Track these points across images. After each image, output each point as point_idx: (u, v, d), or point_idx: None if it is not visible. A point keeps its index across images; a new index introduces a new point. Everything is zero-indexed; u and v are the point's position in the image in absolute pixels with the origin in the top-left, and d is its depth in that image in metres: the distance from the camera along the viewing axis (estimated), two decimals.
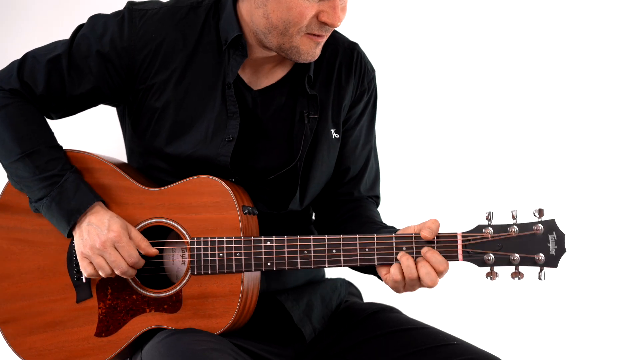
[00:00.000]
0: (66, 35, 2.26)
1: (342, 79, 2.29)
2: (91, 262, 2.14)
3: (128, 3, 2.24)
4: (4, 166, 2.22)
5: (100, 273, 2.15)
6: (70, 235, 2.18)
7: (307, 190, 2.29)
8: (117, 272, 2.13)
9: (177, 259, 2.23)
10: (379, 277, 2.22)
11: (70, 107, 2.26)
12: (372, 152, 2.40)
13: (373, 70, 2.37)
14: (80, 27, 2.25)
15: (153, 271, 2.23)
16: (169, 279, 2.24)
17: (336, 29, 2.27)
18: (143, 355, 2.10)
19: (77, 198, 2.15)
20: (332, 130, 2.29)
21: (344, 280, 2.44)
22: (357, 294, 2.47)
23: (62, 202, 2.15)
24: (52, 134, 2.24)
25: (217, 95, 2.19)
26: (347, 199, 2.36)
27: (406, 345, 2.22)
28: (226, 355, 2.02)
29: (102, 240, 2.11)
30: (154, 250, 2.16)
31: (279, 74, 2.27)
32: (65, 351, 2.21)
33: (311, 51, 2.13)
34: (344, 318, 2.33)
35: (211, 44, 2.20)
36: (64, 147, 2.25)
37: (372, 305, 2.36)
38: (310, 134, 2.24)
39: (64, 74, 2.20)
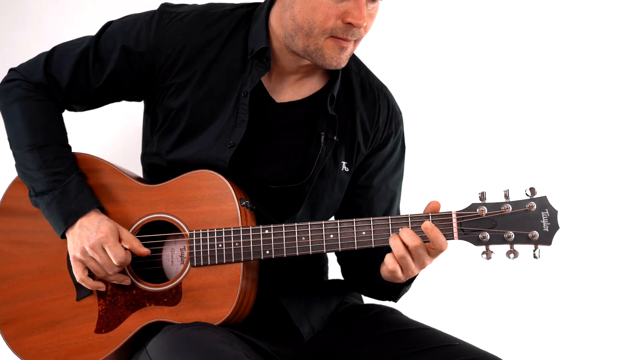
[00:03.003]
0: (66, 34, 2.32)
1: (364, 117, 2.30)
2: (85, 267, 2.17)
3: (162, 5, 2.28)
4: (13, 154, 2.25)
5: (98, 276, 2.18)
6: (64, 237, 2.20)
7: (315, 215, 2.30)
8: (108, 273, 2.16)
9: (176, 257, 2.25)
10: (382, 290, 2.25)
11: (93, 100, 2.30)
12: (396, 195, 2.39)
13: (401, 114, 2.38)
14: (108, 24, 2.29)
15: (151, 265, 2.24)
16: (166, 276, 2.25)
17: (368, 67, 2.34)
18: (149, 349, 2.08)
19: (78, 201, 2.18)
20: (344, 162, 2.29)
21: (343, 281, 2.45)
22: (357, 295, 2.47)
23: (63, 202, 2.18)
24: (65, 133, 2.28)
25: (232, 102, 2.22)
26: None
27: (407, 346, 2.21)
28: (236, 348, 2.02)
29: (91, 242, 2.14)
30: (145, 250, 2.18)
31: (305, 91, 2.28)
32: (65, 349, 2.21)
33: (336, 56, 2.13)
34: (345, 318, 2.33)
35: (237, 51, 2.23)
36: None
37: (372, 306, 2.37)
38: (326, 156, 2.25)
39: (89, 66, 2.24)
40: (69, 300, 2.23)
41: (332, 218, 2.39)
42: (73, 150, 2.28)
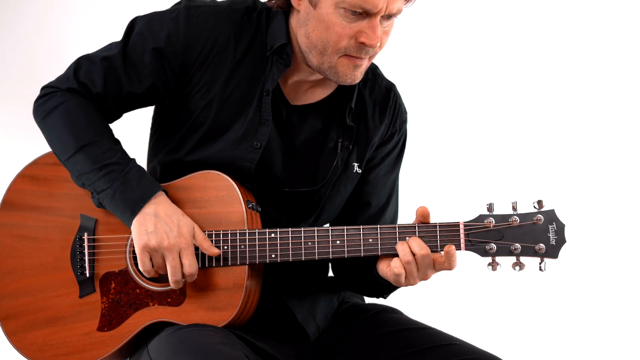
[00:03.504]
0: (66, 34, 2.29)
1: (375, 117, 2.30)
2: (150, 259, 2.11)
3: (185, 0, 2.23)
4: (65, 165, 2.18)
5: (157, 271, 2.12)
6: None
7: (321, 215, 2.31)
8: (170, 279, 2.10)
9: None
10: (373, 286, 2.25)
11: (125, 105, 2.24)
12: (393, 194, 2.40)
13: (406, 113, 2.38)
14: (132, 24, 2.24)
15: None
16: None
17: (378, 67, 2.33)
18: (150, 349, 2.08)
19: (141, 187, 2.11)
20: (356, 164, 2.29)
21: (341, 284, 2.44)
22: (358, 295, 2.47)
23: (126, 192, 2.11)
24: (109, 128, 2.22)
25: (254, 100, 2.20)
26: None
27: (408, 345, 2.22)
28: (236, 349, 2.02)
29: (170, 242, 2.07)
30: (216, 251, 2.12)
31: (319, 94, 2.27)
32: (66, 346, 2.21)
33: (350, 73, 2.12)
34: (346, 318, 2.34)
35: (259, 50, 2.21)
36: None
37: (374, 305, 2.38)
38: (341, 164, 2.25)
39: (120, 72, 2.19)
40: (71, 297, 2.22)
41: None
42: None
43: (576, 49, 3.05)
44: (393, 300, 2.37)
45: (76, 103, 2.19)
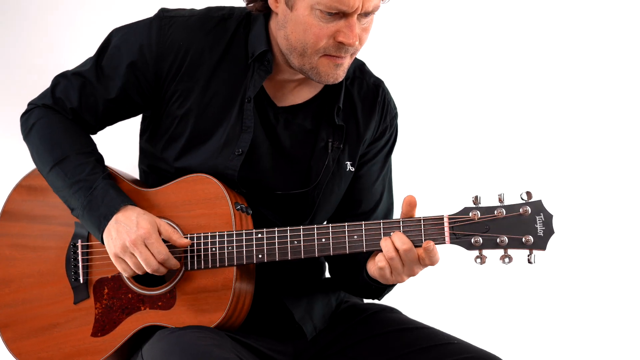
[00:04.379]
0: (67, 35, 2.34)
1: (365, 115, 2.30)
2: (126, 262, 2.14)
3: (160, 10, 2.26)
4: (49, 183, 2.24)
5: (137, 271, 2.14)
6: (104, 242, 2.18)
7: (316, 216, 2.31)
8: (148, 270, 2.12)
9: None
10: (366, 288, 2.23)
11: (104, 117, 2.29)
12: (385, 189, 2.40)
13: (396, 108, 2.37)
14: (109, 37, 2.28)
15: None
16: (165, 279, 2.26)
17: (366, 63, 2.34)
18: (143, 353, 2.10)
19: (105, 204, 2.15)
20: (348, 162, 2.29)
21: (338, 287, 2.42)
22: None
23: (92, 210, 2.16)
24: (85, 140, 2.26)
25: (236, 107, 2.21)
26: None
27: (407, 344, 2.21)
28: (228, 351, 2.01)
29: (132, 238, 2.10)
30: (185, 241, 2.13)
31: (305, 94, 2.27)
32: (62, 352, 2.23)
33: (332, 72, 2.12)
34: (345, 317, 2.33)
35: (238, 56, 2.22)
36: None
37: (372, 305, 2.36)
38: (333, 164, 2.25)
39: (94, 85, 2.24)
40: (66, 304, 2.25)
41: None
42: None
43: (560, 41, 3.04)
44: (392, 300, 2.36)
45: (50, 119, 2.25)
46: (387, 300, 2.34)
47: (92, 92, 2.25)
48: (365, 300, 2.45)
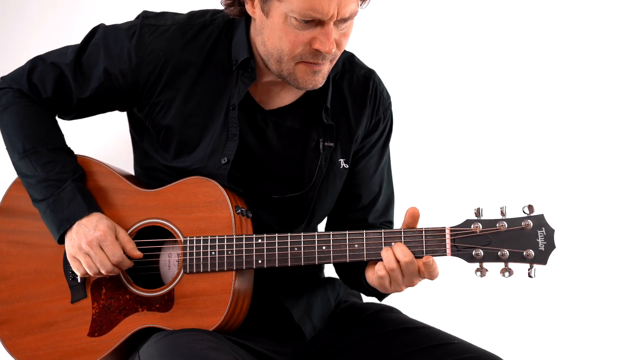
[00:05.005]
0: (66, 34, 2.32)
1: (356, 109, 2.28)
2: (79, 262, 2.17)
3: (142, 16, 2.24)
4: (12, 163, 2.26)
5: (89, 272, 2.16)
6: (62, 242, 2.21)
7: (314, 216, 2.30)
8: (102, 271, 2.15)
9: (173, 263, 2.25)
10: (369, 292, 2.24)
11: (78, 112, 2.29)
12: (384, 180, 2.39)
13: (389, 98, 2.35)
14: (93, 32, 2.27)
15: (148, 270, 2.24)
16: (163, 282, 2.26)
17: (355, 54, 2.32)
18: (140, 355, 2.09)
19: (70, 208, 2.18)
20: (342, 160, 2.28)
21: (341, 281, 2.43)
22: (356, 294, 2.47)
23: (56, 211, 2.18)
24: (57, 136, 2.27)
25: (221, 115, 2.19)
26: (359, 225, 2.35)
27: (407, 344, 2.21)
28: (225, 354, 2.01)
29: (88, 239, 2.13)
30: (137, 254, 2.17)
31: (292, 95, 2.25)
32: (58, 351, 2.22)
33: (309, 79, 2.10)
34: (344, 317, 2.33)
35: (221, 63, 2.20)
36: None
37: (372, 305, 2.37)
38: (326, 163, 2.24)
39: (70, 80, 2.24)
40: (63, 303, 2.24)
41: (324, 221, 2.41)
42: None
43: (565, 51, 3.03)
44: (392, 300, 2.36)
45: (24, 107, 2.25)
46: (387, 300, 2.35)
47: (67, 87, 2.24)
48: (365, 300, 2.46)
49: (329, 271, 2.50)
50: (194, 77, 2.20)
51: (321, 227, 2.47)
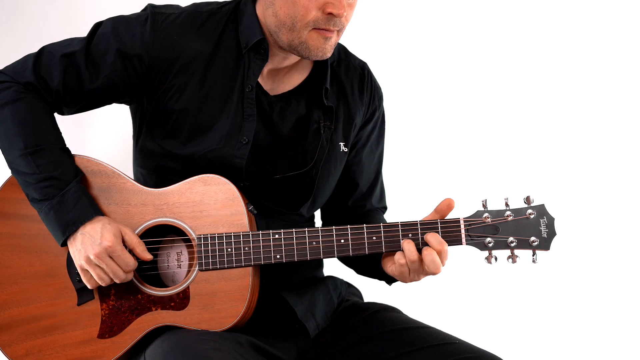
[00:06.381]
0: (66, 34, 2.27)
1: (355, 95, 2.38)
2: (90, 274, 2.14)
3: (150, 6, 2.27)
4: (5, 159, 2.19)
5: (101, 283, 2.15)
6: (65, 244, 2.16)
7: (317, 198, 2.36)
8: (116, 281, 2.14)
9: (172, 261, 2.24)
10: (380, 277, 2.32)
11: (84, 103, 2.25)
12: (380, 167, 2.50)
13: (381, 90, 2.47)
14: (98, 25, 2.26)
15: (149, 269, 2.23)
16: (162, 280, 2.25)
17: (348, 48, 2.40)
18: (147, 355, 2.09)
19: (76, 210, 2.13)
20: (341, 143, 2.36)
21: (342, 280, 2.50)
22: (357, 294, 2.53)
23: (61, 212, 2.13)
24: (59, 135, 2.22)
25: (235, 98, 2.24)
26: (358, 212, 2.45)
27: (407, 344, 2.26)
28: (228, 355, 2.03)
29: (96, 251, 2.10)
30: (148, 256, 2.16)
31: (295, 80, 2.33)
32: (65, 354, 2.17)
33: (321, 47, 2.18)
34: (346, 316, 2.38)
35: (230, 48, 2.25)
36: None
37: (373, 304, 2.42)
38: (327, 143, 2.31)
39: (81, 69, 2.20)
40: (68, 305, 2.19)
41: (319, 213, 2.47)
42: (74, 153, 2.23)
43: (564, 46, 3.12)
44: (392, 299, 2.42)
45: (30, 103, 2.19)
46: (388, 299, 2.41)
47: (77, 76, 2.21)
48: (366, 299, 2.53)
49: (329, 270, 2.55)
50: (206, 62, 2.23)
51: (318, 225, 2.52)
